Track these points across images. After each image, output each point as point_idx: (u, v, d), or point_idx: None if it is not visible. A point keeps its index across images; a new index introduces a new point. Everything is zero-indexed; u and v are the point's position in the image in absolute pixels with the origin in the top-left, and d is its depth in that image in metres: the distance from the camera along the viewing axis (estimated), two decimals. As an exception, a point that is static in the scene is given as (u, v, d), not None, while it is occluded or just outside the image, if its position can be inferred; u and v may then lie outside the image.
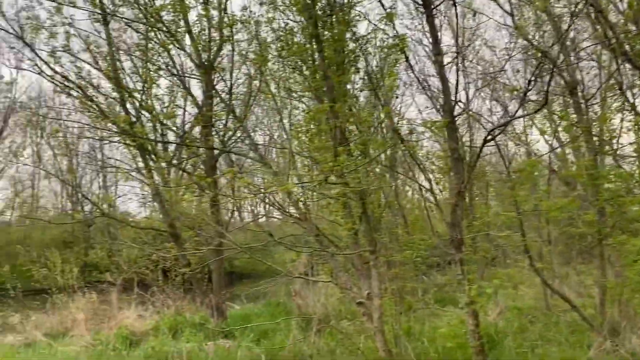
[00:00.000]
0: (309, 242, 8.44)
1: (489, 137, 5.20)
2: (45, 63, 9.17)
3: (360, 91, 7.79)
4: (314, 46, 6.37)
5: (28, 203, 37.11)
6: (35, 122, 22.38)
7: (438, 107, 6.14)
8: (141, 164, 10.80)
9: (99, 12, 8.94)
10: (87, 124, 10.65)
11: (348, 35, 6.63)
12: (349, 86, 7.04)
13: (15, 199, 35.15)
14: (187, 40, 9.07)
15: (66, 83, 9.46)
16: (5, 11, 8.90)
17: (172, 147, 11.88)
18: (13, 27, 8.97)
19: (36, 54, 9.26)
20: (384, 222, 8.54)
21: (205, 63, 9.16)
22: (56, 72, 9.21)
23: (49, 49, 9.06)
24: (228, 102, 8.84)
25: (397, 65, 7.53)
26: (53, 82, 9.94)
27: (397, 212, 10.66)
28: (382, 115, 7.08)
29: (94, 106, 9.11)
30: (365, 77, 7.01)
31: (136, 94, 9.86)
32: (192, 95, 10.04)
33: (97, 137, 12.05)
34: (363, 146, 6.28)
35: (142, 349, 8.00)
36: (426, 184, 5.99)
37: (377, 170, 8.23)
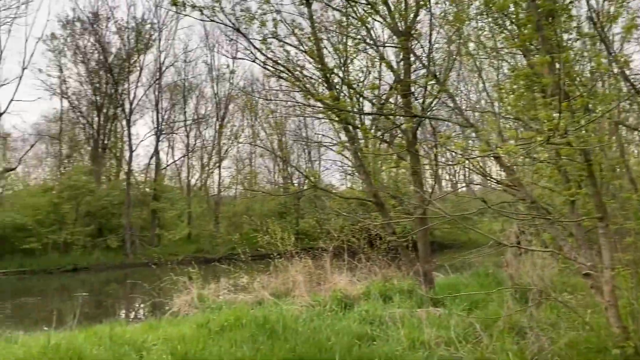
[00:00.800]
0: (518, 210, 7.92)
1: None
2: (258, 50, 10.11)
3: (576, 40, 6.92)
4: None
5: (248, 179, 42.10)
6: (251, 106, 24.99)
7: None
8: (344, 138, 11.31)
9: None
10: (297, 102, 11.46)
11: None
12: (565, 36, 6.28)
13: (238, 176, 40.21)
14: (384, 10, 9.09)
15: (276, 67, 10.31)
16: (223, 7, 9.96)
17: (368, 120, 12.23)
18: (230, 20, 10.00)
19: (250, 43, 10.26)
20: (612, 186, 7.53)
21: (403, 30, 9.10)
22: (268, 58, 10.09)
23: (260, 37, 9.96)
24: (428, 66, 8.64)
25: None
26: (264, 67, 10.97)
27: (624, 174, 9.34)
28: (608, 64, 6.16)
29: (302, 86, 9.77)
30: (585, 22, 6.17)
31: (337, 71, 10.31)
32: (390, 65, 10.09)
33: (305, 115, 12.96)
34: (589, 100, 5.56)
35: (356, 312, 8.47)
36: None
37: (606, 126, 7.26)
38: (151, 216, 33.81)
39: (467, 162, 5.97)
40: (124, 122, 37.05)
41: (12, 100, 35.63)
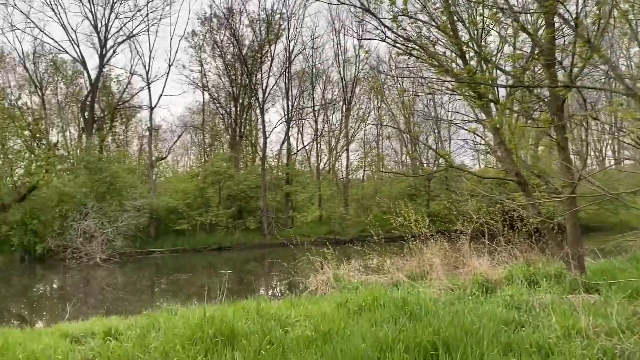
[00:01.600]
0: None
1: None
2: (388, 29, 9.88)
3: None
4: None
5: (375, 161, 42.21)
6: (378, 87, 24.85)
7: None
8: (481, 115, 10.72)
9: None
10: (431, 79, 11.09)
11: None
12: None
13: (365, 158, 40.45)
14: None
15: (407, 44, 10.01)
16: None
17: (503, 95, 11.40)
18: (360, 0, 9.89)
19: (380, 22, 10.06)
20: None
21: (548, -7, 8.28)
22: (398, 35, 9.83)
23: (390, 15, 9.71)
24: (577, 29, 7.78)
25: None
26: (394, 46, 10.71)
27: None
28: None
29: (435, 62, 9.38)
30: None
31: (472, 44, 9.74)
32: (531, 33, 9.28)
33: (437, 92, 12.52)
34: None
35: (500, 297, 8.04)
36: None
37: None
38: (285, 199, 35.42)
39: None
40: (258, 111, 39.07)
41: (161, 95, 39.47)
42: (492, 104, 10.65)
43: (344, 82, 39.78)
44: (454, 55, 10.60)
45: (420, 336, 5.26)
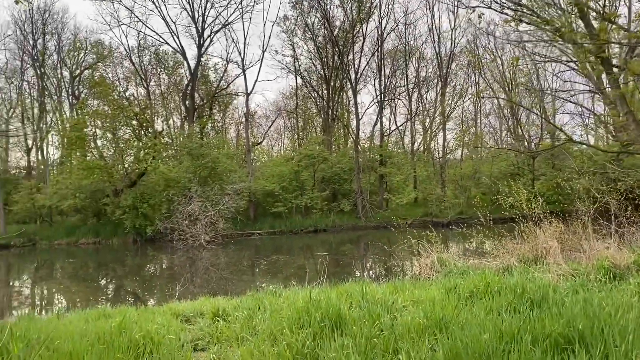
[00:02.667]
0: None
1: None
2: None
3: None
4: None
5: (472, 140, 40.38)
6: (478, 61, 23.53)
7: None
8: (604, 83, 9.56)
9: None
10: (535, 46, 10.09)
11: None
12: None
13: (463, 137, 38.82)
14: None
15: (518, 9, 9.12)
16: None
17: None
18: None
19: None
20: None
21: None
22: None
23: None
24: None
25: None
26: (502, 13, 9.83)
27: None
28: None
29: (550, 27, 8.45)
30: None
31: (594, 4, 8.65)
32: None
33: (552, 61, 11.40)
34: None
35: (633, 284, 7.15)
36: None
37: None
38: (379, 181, 34.97)
39: None
40: (350, 92, 38.80)
41: (256, 81, 40.60)
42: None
43: (439, 58, 38.28)
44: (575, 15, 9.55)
45: (549, 327, 4.71)
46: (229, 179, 30.23)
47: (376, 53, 35.91)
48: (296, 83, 42.11)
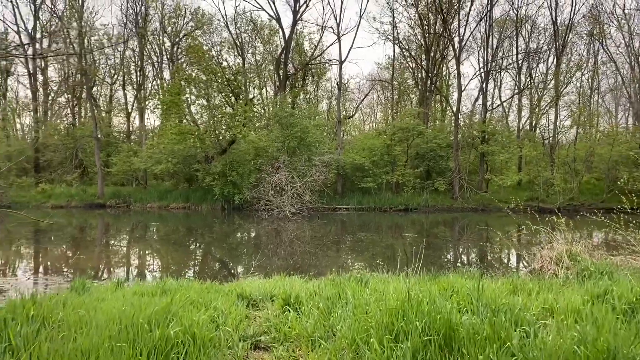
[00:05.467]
0: None
1: None
2: None
3: None
4: None
5: (587, 120, 36.01)
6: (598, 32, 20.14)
7: None
8: None
9: None
10: None
11: None
12: None
13: (579, 115, 34.62)
14: None
15: None
16: None
17: None
18: None
19: None
20: None
21: None
22: None
23: None
24: None
25: None
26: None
27: None
28: None
29: None
30: None
31: None
32: None
33: None
34: None
35: None
36: None
37: None
38: (479, 160, 32.11)
39: None
40: (452, 63, 35.91)
41: (351, 48, 38.66)
42: None
43: (555, 26, 34.13)
44: None
45: None
46: (318, 150, 29.04)
47: (484, 19, 32.60)
48: (393, 52, 39.93)
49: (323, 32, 37.23)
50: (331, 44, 38.57)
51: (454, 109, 32.35)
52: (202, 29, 39.71)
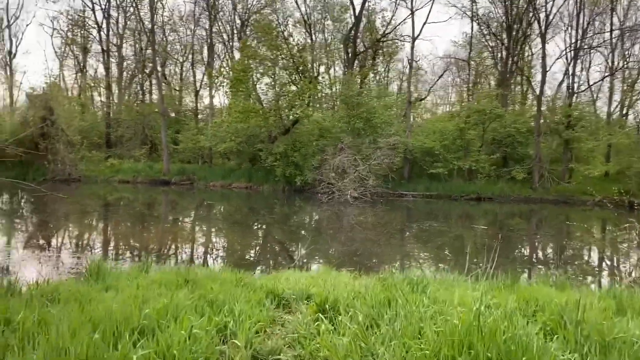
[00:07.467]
0: None
1: None
2: None
3: None
4: None
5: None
6: None
7: None
8: None
9: None
10: None
11: None
12: None
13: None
14: None
15: None
16: None
17: None
18: None
19: None
20: None
21: None
22: None
23: None
24: None
25: None
26: None
27: None
28: None
29: None
30: None
31: None
32: None
33: None
34: None
35: None
36: None
37: None
38: (563, 147, 29.29)
39: None
40: (535, 42, 33.01)
41: (425, 23, 36.49)
42: None
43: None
44: None
45: None
46: (385, 132, 27.51)
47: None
48: (471, 29, 37.29)
49: (396, 8, 35.31)
50: (404, 20, 36.59)
51: (537, 92, 29.62)
52: (271, 7, 38.94)
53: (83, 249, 11.61)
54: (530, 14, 32.04)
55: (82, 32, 41.57)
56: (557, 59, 37.61)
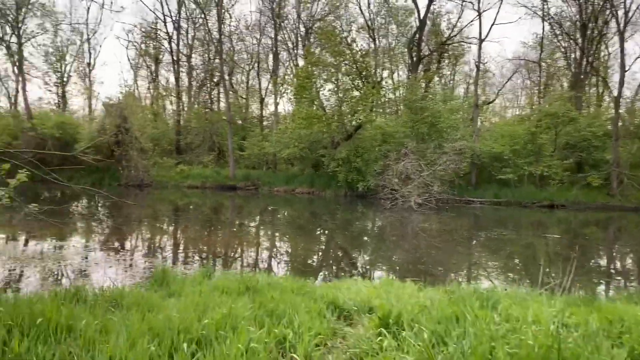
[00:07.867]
0: None
1: None
2: None
3: None
4: None
5: None
6: None
7: None
8: None
9: None
10: None
11: None
12: None
13: None
14: None
15: None
16: None
17: None
18: None
19: None
20: None
21: None
22: None
23: None
24: None
25: None
26: None
27: None
28: None
29: None
30: None
31: None
32: None
33: None
34: None
35: None
36: None
37: None
38: (646, 152, 27.40)
39: None
40: (612, 42, 31.06)
41: (492, 24, 35.33)
42: None
43: None
44: None
45: None
46: (450, 137, 26.76)
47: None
48: (542, 30, 35.70)
49: (462, 10, 34.46)
50: (471, 22, 35.61)
51: (614, 93, 27.86)
52: (335, 13, 39.08)
53: (153, 252, 12.01)
54: (607, 12, 30.26)
55: (154, 43, 43.58)
56: (638, 57, 35.17)
